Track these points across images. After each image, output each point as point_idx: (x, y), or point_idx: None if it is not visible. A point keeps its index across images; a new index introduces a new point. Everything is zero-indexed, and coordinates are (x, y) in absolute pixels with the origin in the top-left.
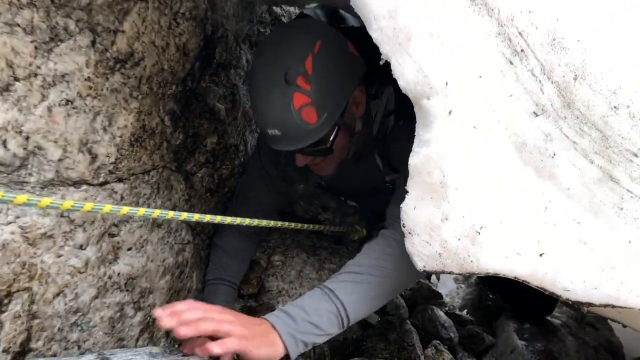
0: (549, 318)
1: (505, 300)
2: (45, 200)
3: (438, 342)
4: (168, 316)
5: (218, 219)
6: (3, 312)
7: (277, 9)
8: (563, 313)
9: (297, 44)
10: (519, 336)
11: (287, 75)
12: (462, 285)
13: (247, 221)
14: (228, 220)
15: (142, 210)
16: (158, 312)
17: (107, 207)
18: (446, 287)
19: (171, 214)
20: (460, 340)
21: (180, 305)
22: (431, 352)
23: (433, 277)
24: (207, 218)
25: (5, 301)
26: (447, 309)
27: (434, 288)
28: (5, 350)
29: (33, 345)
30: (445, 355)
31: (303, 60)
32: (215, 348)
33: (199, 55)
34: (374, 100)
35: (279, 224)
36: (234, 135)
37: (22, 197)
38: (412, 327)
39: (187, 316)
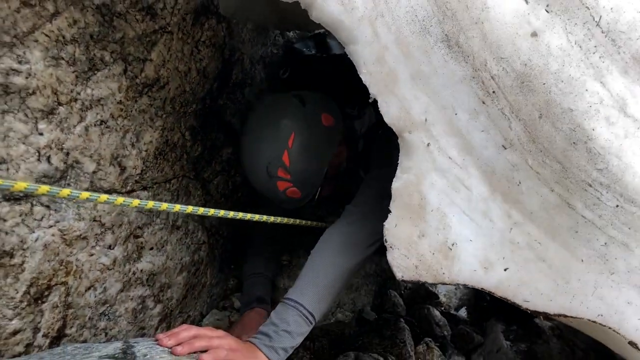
0: (537, 321)
1: (499, 301)
2: (44, 188)
3: (430, 339)
4: (167, 337)
5: (221, 213)
6: (44, 302)
7: (289, 33)
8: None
9: (273, 140)
10: (505, 337)
11: (268, 170)
12: (460, 286)
13: (257, 217)
14: (240, 215)
15: (150, 203)
16: (159, 336)
17: (120, 200)
18: (444, 288)
19: (177, 207)
20: (452, 339)
21: (177, 329)
22: (422, 348)
23: None
24: (211, 212)
25: (46, 293)
26: (442, 308)
27: (432, 289)
28: (45, 335)
29: (67, 331)
30: (435, 352)
31: (280, 157)
32: (206, 356)
33: (217, 77)
34: (358, 120)
35: (292, 220)
36: None
37: (21, 184)
38: (405, 324)
39: (182, 336)
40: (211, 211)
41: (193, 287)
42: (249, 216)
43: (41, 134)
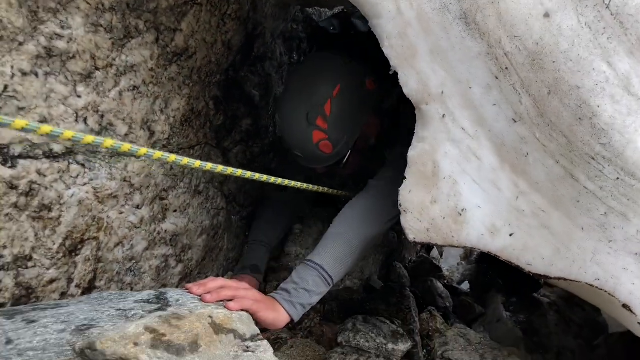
0: (536, 295)
1: (500, 276)
2: (46, 128)
3: (433, 308)
4: (196, 286)
5: (239, 172)
6: (77, 255)
7: (309, 9)
8: (553, 293)
9: (319, 87)
10: (506, 308)
11: (308, 116)
12: (463, 262)
13: (280, 180)
14: (255, 176)
15: (158, 154)
16: (189, 285)
17: (157, 154)
18: (447, 263)
19: (185, 160)
20: (454, 309)
21: (205, 280)
22: (426, 316)
23: (436, 253)
24: (239, 172)
25: (79, 246)
26: (445, 281)
27: (436, 263)
28: (77, 285)
29: (97, 283)
30: (438, 319)
31: (323, 104)
32: (232, 304)
33: (240, 49)
34: (387, 99)
35: (315, 187)
36: (265, 118)
37: (20, 122)
38: (410, 293)
39: (210, 286)
40: (239, 172)
41: (212, 250)
42: (272, 179)
43: (79, 96)
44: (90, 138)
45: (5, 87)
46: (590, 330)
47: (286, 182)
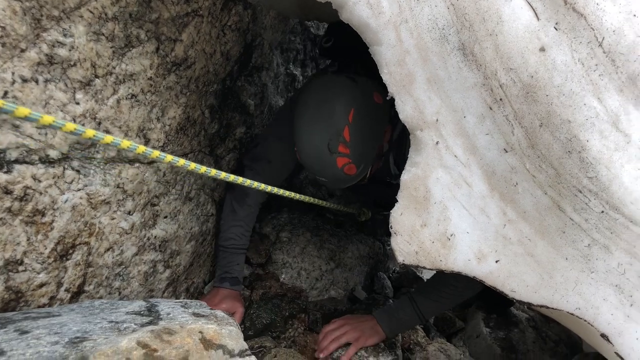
0: (514, 311)
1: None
2: (47, 118)
3: None
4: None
5: (240, 180)
6: (68, 259)
7: (307, 22)
8: (532, 309)
9: (335, 116)
10: (485, 324)
11: (329, 146)
12: None
13: (262, 186)
14: (246, 182)
15: (156, 153)
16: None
17: (123, 142)
18: (429, 273)
19: (182, 161)
20: (435, 322)
21: (321, 345)
22: None
23: None
24: (222, 175)
25: (70, 251)
26: None
27: (419, 274)
28: (67, 290)
29: (86, 288)
30: (419, 332)
31: (341, 132)
32: (351, 351)
33: (238, 60)
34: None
35: (300, 196)
36: (259, 126)
37: (23, 110)
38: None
39: (324, 345)
40: (232, 177)
41: (199, 255)
42: (262, 186)
43: (78, 104)
44: (91, 132)
45: (5, 93)
46: (565, 345)
47: (275, 189)
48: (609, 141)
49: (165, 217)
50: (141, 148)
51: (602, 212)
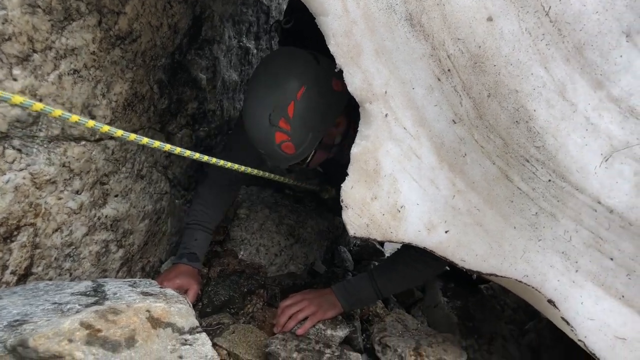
0: (472, 281)
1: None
2: (17, 98)
3: None
4: (278, 329)
5: (196, 155)
6: (12, 241)
7: None
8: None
9: (283, 88)
10: (443, 293)
11: (270, 117)
12: None
13: (226, 164)
14: (205, 158)
15: (106, 127)
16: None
17: (105, 128)
18: (389, 246)
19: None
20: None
21: (278, 320)
22: None
23: None
24: (187, 153)
25: (15, 233)
26: None
27: (379, 247)
28: (12, 272)
29: (34, 270)
30: (378, 304)
31: (285, 106)
32: (299, 332)
33: (187, 33)
34: None
35: (261, 172)
36: (213, 101)
37: (18, 98)
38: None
39: (282, 321)
40: (187, 152)
41: (154, 234)
42: (222, 162)
43: (15, 80)
44: (39, 105)
45: None
46: (523, 312)
47: (236, 166)
48: (555, 110)
49: (116, 195)
50: (105, 127)
51: (549, 180)
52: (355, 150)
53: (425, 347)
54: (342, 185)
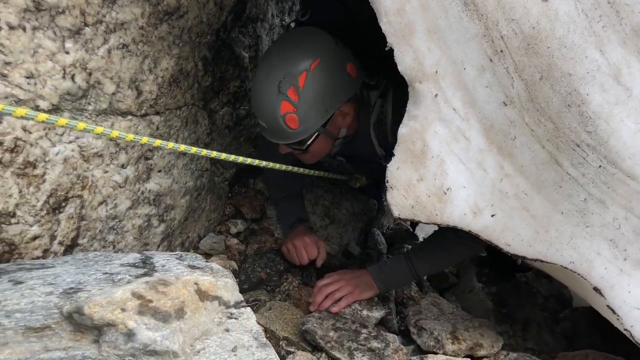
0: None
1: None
2: (42, 115)
3: None
4: (314, 307)
5: (231, 157)
6: (61, 212)
7: None
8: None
9: (297, 57)
10: (478, 279)
11: (280, 84)
12: None
13: (254, 161)
14: (232, 157)
15: (145, 139)
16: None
17: (115, 133)
18: (423, 231)
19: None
20: (428, 277)
21: (315, 298)
22: None
23: None
24: (224, 156)
25: (63, 204)
26: None
27: (412, 230)
28: (60, 243)
29: (80, 241)
30: (413, 287)
31: (297, 75)
32: (333, 309)
33: (232, 10)
34: (374, 91)
35: (290, 167)
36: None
37: (21, 110)
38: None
39: (318, 300)
40: (223, 155)
41: (194, 210)
42: (257, 162)
43: (67, 53)
44: (43, 116)
45: None
46: (555, 301)
47: (263, 163)
48: (609, 95)
49: (159, 171)
50: (130, 136)
51: (600, 166)
52: (402, 130)
53: (462, 331)
54: (387, 165)
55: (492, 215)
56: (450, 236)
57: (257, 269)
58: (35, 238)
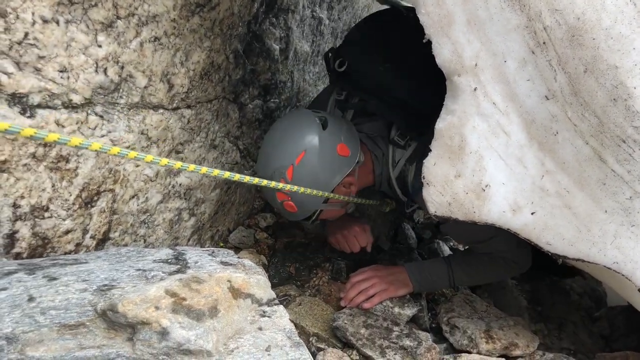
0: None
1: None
2: (29, 130)
3: None
4: (346, 302)
5: (237, 177)
6: (93, 206)
7: None
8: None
9: (284, 151)
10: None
11: (272, 177)
12: None
13: (269, 183)
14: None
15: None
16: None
17: (132, 154)
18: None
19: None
20: None
21: (347, 294)
22: None
23: None
24: (227, 174)
25: (95, 198)
26: (452, 244)
27: (437, 228)
28: (92, 237)
29: (111, 235)
30: None
31: (285, 169)
32: (365, 305)
33: (263, 1)
34: (400, 149)
35: (320, 193)
36: (284, 72)
37: (29, 130)
38: (418, 255)
39: (351, 295)
40: (237, 176)
41: (224, 204)
42: (272, 184)
43: (100, 46)
44: (54, 136)
45: (26, 34)
46: (589, 298)
47: (288, 187)
48: None
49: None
50: (164, 161)
51: None
52: (440, 125)
53: (496, 330)
54: (424, 161)
55: (532, 213)
56: (495, 256)
57: (286, 263)
58: (67, 232)
